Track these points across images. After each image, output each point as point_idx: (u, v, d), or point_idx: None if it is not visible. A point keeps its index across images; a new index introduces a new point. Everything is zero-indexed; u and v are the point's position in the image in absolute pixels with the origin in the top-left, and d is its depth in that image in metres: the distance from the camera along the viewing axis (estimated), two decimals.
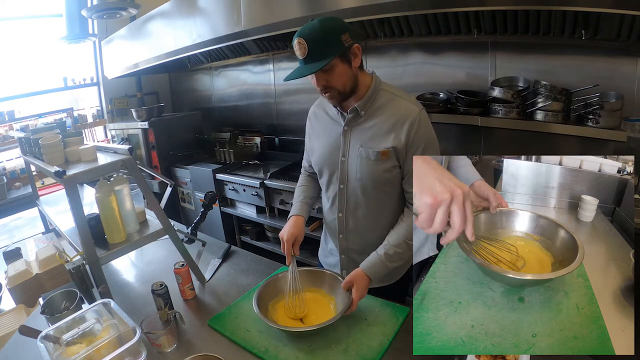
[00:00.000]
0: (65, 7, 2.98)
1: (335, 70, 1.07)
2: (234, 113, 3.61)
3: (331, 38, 1.04)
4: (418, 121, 1.13)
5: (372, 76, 1.19)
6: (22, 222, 2.90)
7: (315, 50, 1.03)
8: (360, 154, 1.18)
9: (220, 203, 3.01)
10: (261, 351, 1.03)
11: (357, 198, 1.24)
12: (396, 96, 1.18)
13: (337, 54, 1.05)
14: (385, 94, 1.18)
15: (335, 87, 1.10)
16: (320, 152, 1.28)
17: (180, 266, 1.30)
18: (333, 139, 1.24)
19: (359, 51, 1.10)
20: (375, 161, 1.16)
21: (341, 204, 1.27)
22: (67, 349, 0.95)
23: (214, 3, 2.44)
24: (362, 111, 1.17)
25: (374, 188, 1.21)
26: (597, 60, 1.75)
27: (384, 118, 1.15)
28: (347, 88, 1.12)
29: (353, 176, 1.22)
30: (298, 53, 1.06)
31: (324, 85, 1.10)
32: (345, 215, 1.27)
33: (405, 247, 1.17)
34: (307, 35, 1.03)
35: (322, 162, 1.28)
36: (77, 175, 1.17)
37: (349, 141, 1.21)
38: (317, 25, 1.04)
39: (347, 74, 1.10)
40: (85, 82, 3.69)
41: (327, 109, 1.28)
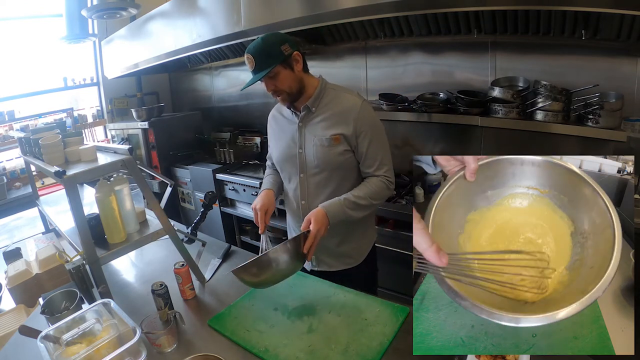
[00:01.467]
0: (65, 7, 2.98)
1: (280, 75, 1.25)
2: (234, 113, 3.61)
3: (271, 50, 1.22)
4: (361, 110, 1.29)
5: (319, 79, 1.36)
6: (22, 222, 2.90)
7: (260, 62, 1.22)
8: (315, 143, 1.33)
9: (220, 203, 3.01)
10: (261, 351, 1.03)
11: (317, 183, 1.37)
12: (341, 92, 1.35)
13: (279, 62, 1.22)
14: (331, 92, 1.35)
15: (283, 89, 1.27)
16: (280, 150, 1.43)
17: (180, 266, 1.30)
18: (290, 136, 1.39)
19: (300, 57, 1.27)
20: (328, 147, 1.31)
21: (303, 192, 1.40)
22: (67, 349, 0.95)
23: (214, 3, 2.44)
24: (312, 107, 1.33)
25: (330, 172, 1.35)
26: (597, 60, 1.75)
27: (332, 111, 1.32)
28: (294, 90, 1.29)
29: (311, 164, 1.36)
30: (249, 66, 1.24)
31: (273, 90, 1.27)
32: (308, 201, 1.40)
33: (365, 201, 1.29)
34: (252, 51, 1.22)
35: (282, 157, 1.43)
36: (77, 175, 1.17)
37: (304, 135, 1.36)
38: (260, 41, 1.23)
39: (291, 77, 1.27)
40: (85, 82, 3.69)
41: (282, 112, 1.44)
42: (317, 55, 2.68)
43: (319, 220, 1.21)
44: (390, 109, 2.22)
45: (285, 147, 1.41)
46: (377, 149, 1.32)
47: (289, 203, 1.49)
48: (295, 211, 1.46)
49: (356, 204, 1.29)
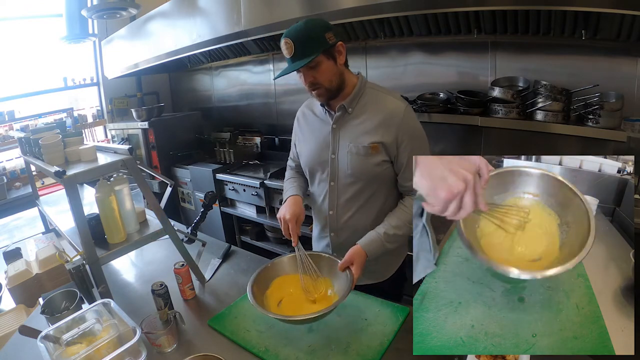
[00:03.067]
0: (65, 7, 2.98)
1: (321, 66, 1.11)
2: (234, 113, 3.61)
3: (315, 36, 1.09)
4: (405, 117, 1.16)
5: (358, 76, 1.23)
6: (22, 222, 2.90)
7: (300, 48, 1.08)
8: (350, 150, 1.20)
9: (220, 203, 3.01)
10: (261, 351, 1.03)
11: (348, 194, 1.25)
12: (382, 93, 1.22)
13: (322, 50, 1.09)
14: (371, 91, 1.22)
15: (322, 83, 1.14)
16: (309, 152, 1.30)
17: (180, 266, 1.30)
18: (322, 138, 1.26)
19: (343, 49, 1.14)
20: (365, 156, 1.19)
21: (332, 201, 1.28)
22: (67, 349, 0.95)
23: (214, 3, 2.44)
24: (349, 108, 1.20)
25: (364, 183, 1.22)
26: (597, 60, 1.75)
27: (372, 114, 1.19)
28: (334, 84, 1.15)
29: (343, 172, 1.23)
30: (285, 52, 1.11)
31: (311, 82, 1.13)
32: (337, 212, 1.29)
33: (404, 229, 1.19)
34: (292, 35, 1.09)
35: (311, 161, 1.30)
36: (77, 175, 1.17)
37: (338, 139, 1.23)
38: (302, 25, 1.09)
39: (333, 70, 1.14)
40: (85, 82, 3.69)
41: (314, 110, 1.31)
42: None
43: (361, 264, 1.12)
44: None
45: (316, 150, 1.28)
46: None
47: (316, 210, 1.37)
48: (322, 220, 1.34)
49: (396, 235, 1.18)
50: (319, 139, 1.27)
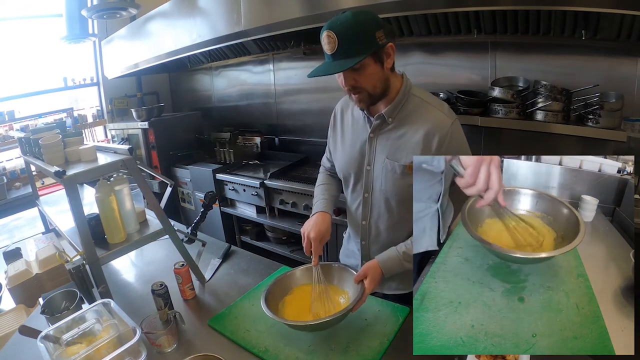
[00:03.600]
0: (65, 7, 2.98)
1: (367, 70, 0.98)
2: (234, 113, 3.61)
3: (364, 34, 0.95)
4: (450, 135, 1.04)
5: (402, 78, 1.10)
6: (22, 222, 2.89)
7: (345, 46, 0.94)
8: (386, 166, 1.11)
9: (220, 203, 3.01)
10: (261, 351, 1.03)
11: (381, 209, 1.18)
12: (427, 104, 1.08)
13: (370, 52, 0.96)
14: (415, 99, 1.09)
15: (365, 88, 1.01)
16: (345, 159, 1.22)
17: (180, 266, 1.30)
18: (359, 146, 1.16)
19: (393, 51, 1.01)
20: (400, 175, 1.09)
21: (365, 212, 1.22)
22: (67, 349, 0.95)
23: (214, 3, 2.44)
24: (389, 118, 1.09)
25: (397, 202, 1.15)
26: (597, 60, 1.75)
27: (413, 128, 1.06)
28: (378, 90, 1.03)
29: (377, 187, 1.16)
30: (326, 47, 0.97)
31: (352, 86, 1.01)
32: (369, 223, 1.23)
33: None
34: (337, 29, 0.94)
35: (347, 168, 1.22)
36: (77, 175, 1.17)
37: (374, 150, 1.13)
38: (350, 18, 0.94)
39: (379, 75, 1.01)
40: (85, 82, 3.69)
41: (353, 111, 1.21)
42: (317, 55, 2.68)
43: (376, 279, 1.07)
44: None
45: (351, 158, 1.19)
46: None
47: (350, 216, 1.30)
48: (355, 227, 1.28)
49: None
50: (355, 145, 1.17)
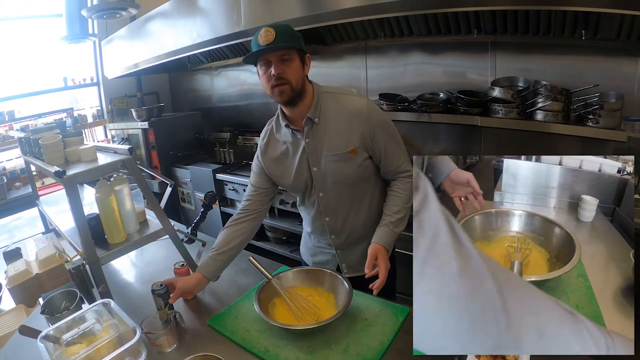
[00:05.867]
0: (65, 7, 2.98)
1: (294, 63, 1.13)
2: (234, 113, 3.61)
3: (296, 36, 1.14)
4: (369, 111, 1.20)
5: (312, 84, 1.24)
6: (22, 222, 2.89)
7: (281, 38, 1.09)
8: (331, 159, 1.22)
9: (220, 203, 3.01)
10: (261, 351, 1.03)
11: (338, 200, 1.29)
12: (339, 94, 1.24)
13: (299, 48, 1.14)
14: (328, 96, 1.23)
15: (290, 80, 1.13)
16: (291, 176, 1.29)
17: (180, 266, 1.30)
18: (298, 158, 1.26)
19: (310, 62, 1.20)
20: (346, 161, 1.22)
21: (325, 209, 1.31)
22: (67, 349, 0.95)
23: (214, 3, 2.44)
24: (315, 118, 1.21)
25: (351, 185, 1.27)
26: (597, 60, 1.75)
27: (338, 119, 1.21)
28: (298, 87, 1.16)
29: (330, 181, 1.26)
30: (262, 39, 1.09)
31: (279, 74, 1.11)
32: (332, 218, 1.32)
33: (404, 211, 1.25)
34: (275, 27, 1.10)
35: (296, 182, 1.30)
36: (77, 175, 1.17)
37: (314, 152, 1.24)
38: (284, 24, 1.15)
39: (301, 72, 1.16)
40: (85, 82, 3.69)
41: (279, 139, 1.30)
42: (317, 55, 2.68)
43: (385, 256, 1.17)
44: (390, 109, 2.22)
45: (296, 172, 1.28)
46: (393, 147, 1.24)
47: (310, 222, 1.40)
48: (319, 228, 1.36)
49: (399, 219, 1.23)
50: (295, 160, 1.27)
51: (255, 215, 1.33)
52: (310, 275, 1.24)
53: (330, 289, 1.20)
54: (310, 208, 1.35)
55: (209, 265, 1.26)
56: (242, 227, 1.31)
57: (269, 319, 1.06)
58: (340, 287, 1.16)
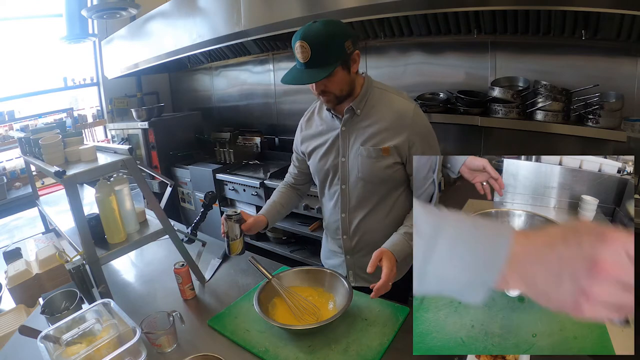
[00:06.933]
0: (65, 7, 2.98)
1: (336, 76, 1.08)
2: (234, 113, 3.61)
3: (335, 44, 1.04)
4: (414, 117, 1.15)
5: (364, 77, 1.20)
6: (22, 222, 2.90)
7: (318, 55, 1.03)
8: (361, 153, 1.19)
9: (220, 203, 3.01)
10: (261, 351, 1.03)
11: (360, 197, 1.24)
12: (388, 93, 1.20)
13: (340, 61, 1.05)
14: (378, 91, 1.20)
15: (333, 92, 1.12)
16: (318, 158, 1.29)
17: (180, 266, 1.30)
18: (331, 142, 1.24)
19: (358, 57, 1.12)
20: (376, 158, 1.18)
21: (344, 204, 1.28)
22: (67, 349, 0.95)
23: (214, 3, 2.44)
24: (357, 110, 1.18)
25: (375, 185, 1.21)
26: (597, 60, 1.75)
27: (380, 116, 1.17)
28: (344, 92, 1.14)
29: (354, 176, 1.22)
30: (299, 56, 1.05)
31: (322, 90, 1.12)
32: (349, 215, 1.28)
33: None
34: (310, 39, 1.02)
35: (321, 167, 1.29)
36: (77, 175, 1.17)
37: (347, 141, 1.22)
38: (322, 29, 1.03)
39: (346, 79, 1.11)
40: (85, 82, 3.69)
41: (321, 116, 1.29)
42: None
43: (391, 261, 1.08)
44: None
45: (325, 156, 1.26)
46: None
47: (327, 215, 1.36)
48: (334, 223, 1.33)
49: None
50: (328, 144, 1.25)
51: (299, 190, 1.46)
52: (310, 275, 1.24)
53: (330, 289, 1.20)
54: (329, 200, 1.33)
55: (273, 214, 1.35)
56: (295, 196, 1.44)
57: (269, 319, 1.06)
58: (340, 287, 1.16)
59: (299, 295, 1.17)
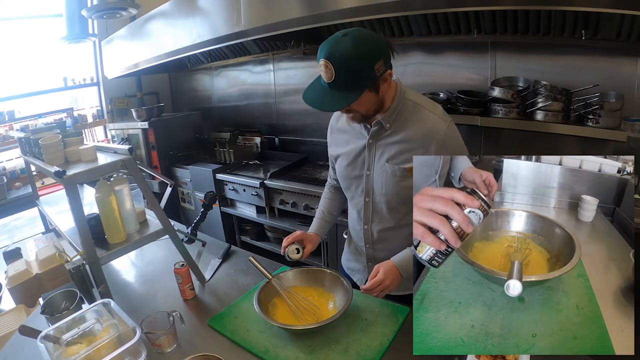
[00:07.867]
0: (65, 7, 2.98)
1: (362, 99, 1.00)
2: (234, 113, 3.61)
3: (363, 68, 0.94)
4: (445, 138, 1.07)
5: (396, 84, 1.10)
6: (22, 222, 2.90)
7: (343, 78, 0.95)
8: (385, 170, 1.14)
9: (220, 203, 3.01)
10: (261, 351, 1.03)
11: (382, 212, 1.21)
12: (422, 107, 1.11)
13: (368, 86, 0.98)
14: (410, 104, 1.11)
15: (359, 111, 1.05)
16: (344, 165, 1.24)
17: (180, 266, 1.30)
18: (357, 152, 1.19)
19: (390, 76, 1.03)
20: (400, 177, 1.12)
21: (366, 216, 1.25)
22: (67, 349, 0.95)
23: (214, 3, 2.43)
24: (386, 124, 1.11)
25: (399, 203, 1.17)
26: (597, 60, 1.75)
27: (410, 133, 1.09)
28: (371, 112, 1.07)
29: (378, 191, 1.18)
30: (323, 75, 0.97)
31: (346, 110, 1.05)
32: (371, 227, 1.25)
33: None
34: (336, 61, 0.93)
35: (346, 174, 1.25)
36: (77, 175, 1.17)
37: (373, 155, 1.16)
38: (350, 50, 0.92)
39: (373, 100, 1.03)
40: (85, 82, 3.69)
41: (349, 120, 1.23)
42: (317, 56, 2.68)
43: (388, 272, 1.09)
44: None
45: (350, 165, 1.21)
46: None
47: (352, 222, 1.34)
48: (358, 232, 1.31)
49: None
50: (354, 152, 1.20)
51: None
52: (310, 275, 1.24)
53: (330, 289, 1.20)
54: (353, 209, 1.30)
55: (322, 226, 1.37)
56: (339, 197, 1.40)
57: (269, 319, 1.06)
58: (340, 287, 1.16)
59: (299, 295, 1.17)
